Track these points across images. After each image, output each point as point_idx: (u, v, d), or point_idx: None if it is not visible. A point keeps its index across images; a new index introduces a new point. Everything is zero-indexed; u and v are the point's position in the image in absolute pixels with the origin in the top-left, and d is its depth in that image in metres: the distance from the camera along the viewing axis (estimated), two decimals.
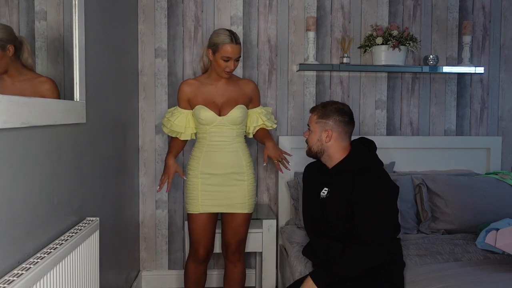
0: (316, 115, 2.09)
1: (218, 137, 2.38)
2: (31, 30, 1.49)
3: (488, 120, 3.25)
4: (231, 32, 2.31)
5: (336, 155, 2.07)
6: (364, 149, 2.09)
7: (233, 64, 2.32)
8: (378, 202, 1.94)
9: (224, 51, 2.27)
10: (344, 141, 2.07)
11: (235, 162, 2.40)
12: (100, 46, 2.11)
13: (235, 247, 2.49)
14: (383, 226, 1.93)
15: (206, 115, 2.36)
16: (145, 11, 3.02)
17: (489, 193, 2.76)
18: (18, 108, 1.23)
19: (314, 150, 2.10)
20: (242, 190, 2.42)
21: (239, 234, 2.47)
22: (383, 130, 3.18)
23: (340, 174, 2.05)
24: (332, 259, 2.01)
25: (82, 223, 1.73)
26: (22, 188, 1.31)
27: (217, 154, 2.39)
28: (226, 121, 2.37)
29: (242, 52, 2.23)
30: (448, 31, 3.18)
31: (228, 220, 2.46)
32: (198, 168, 2.40)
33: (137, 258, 3.10)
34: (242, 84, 2.47)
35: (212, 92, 2.39)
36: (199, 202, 2.40)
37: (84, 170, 1.87)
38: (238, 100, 2.41)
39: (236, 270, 2.53)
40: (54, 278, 1.35)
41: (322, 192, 2.10)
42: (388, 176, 2.07)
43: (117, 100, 2.50)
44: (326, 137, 2.05)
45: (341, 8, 3.12)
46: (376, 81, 3.17)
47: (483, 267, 2.10)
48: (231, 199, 2.41)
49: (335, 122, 2.05)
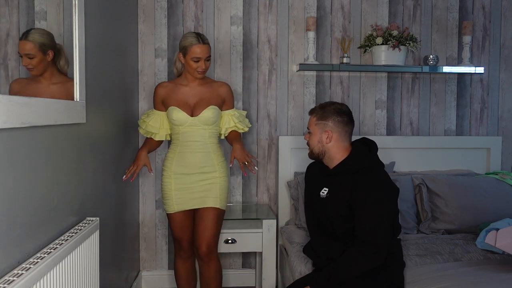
0: (315, 117, 2.10)
1: (191, 137, 2.43)
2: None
3: (488, 120, 3.25)
4: (198, 33, 2.41)
5: (337, 156, 2.07)
6: (365, 149, 2.10)
7: (204, 64, 2.39)
8: (378, 203, 1.94)
9: (193, 52, 2.35)
10: (345, 141, 2.08)
11: (206, 162, 2.45)
12: (100, 46, 2.11)
13: (206, 245, 2.43)
14: (381, 227, 1.93)
15: (178, 116, 2.41)
16: (145, 11, 3.02)
17: (489, 193, 2.76)
18: (18, 108, 1.23)
19: (316, 152, 2.11)
20: (215, 188, 2.45)
21: (210, 230, 2.44)
22: (383, 130, 3.18)
23: (340, 174, 2.06)
24: (332, 260, 2.02)
25: (82, 223, 1.73)
26: (22, 188, 1.31)
27: (189, 154, 2.44)
28: (198, 122, 2.41)
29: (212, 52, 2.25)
30: (448, 31, 3.18)
31: (199, 215, 2.46)
32: (171, 169, 2.46)
33: (137, 258, 3.10)
34: (216, 86, 2.52)
35: (186, 93, 2.46)
36: (173, 201, 2.47)
37: (84, 170, 1.87)
38: (210, 101, 2.45)
39: (211, 270, 2.48)
40: (54, 278, 1.35)
41: (321, 192, 2.11)
42: (388, 177, 2.07)
43: (117, 100, 2.50)
44: (327, 138, 2.06)
45: (341, 8, 3.12)
46: (376, 81, 3.17)
47: (483, 267, 2.10)
48: (204, 197, 2.44)
49: (334, 122, 2.06)
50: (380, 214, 1.93)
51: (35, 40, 1.50)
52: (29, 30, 1.49)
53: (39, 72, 1.53)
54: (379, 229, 1.92)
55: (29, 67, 1.49)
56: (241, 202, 3.15)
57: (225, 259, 3.19)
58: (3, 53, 1.32)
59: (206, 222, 2.44)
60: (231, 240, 2.73)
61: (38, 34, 1.52)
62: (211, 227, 2.45)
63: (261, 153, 3.13)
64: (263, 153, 3.14)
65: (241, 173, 3.12)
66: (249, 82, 3.10)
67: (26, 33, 1.46)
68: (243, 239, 2.74)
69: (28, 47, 1.47)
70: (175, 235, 2.55)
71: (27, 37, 1.46)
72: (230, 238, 2.73)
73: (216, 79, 3.05)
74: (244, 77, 3.09)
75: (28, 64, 1.48)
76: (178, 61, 2.50)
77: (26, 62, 1.47)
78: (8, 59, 1.34)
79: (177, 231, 2.51)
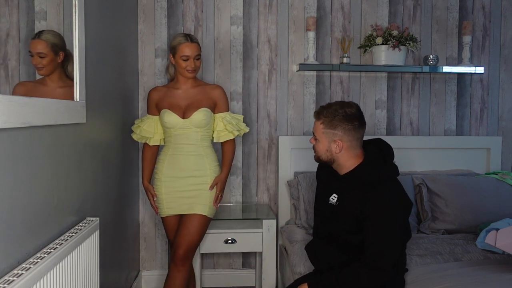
0: (322, 124, 1.91)
1: (183, 140, 2.41)
2: (31, 30, 1.49)
3: (488, 120, 3.25)
4: (187, 33, 2.43)
5: (347, 164, 1.92)
6: (378, 158, 1.93)
7: (193, 63, 2.39)
8: (389, 223, 1.82)
9: (182, 51, 2.36)
10: (356, 149, 1.92)
11: (198, 165, 2.42)
12: (100, 46, 2.11)
13: (183, 250, 2.36)
14: (389, 251, 1.82)
15: (169, 118, 2.39)
16: (145, 11, 3.02)
17: (489, 193, 2.76)
18: (18, 108, 1.23)
19: (324, 159, 1.95)
20: (204, 194, 2.42)
21: (192, 235, 2.38)
22: (383, 130, 3.18)
23: (351, 184, 1.92)
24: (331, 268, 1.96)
25: (82, 223, 1.73)
26: (22, 188, 1.31)
27: (181, 157, 2.42)
28: (190, 124, 2.39)
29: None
30: (448, 31, 3.18)
31: (185, 220, 2.42)
32: (163, 171, 2.44)
33: (137, 258, 3.10)
34: (209, 88, 2.50)
35: (178, 96, 2.45)
36: (164, 205, 2.46)
37: (84, 170, 1.87)
38: (202, 103, 2.43)
39: (179, 275, 2.38)
40: (54, 278, 1.35)
41: (331, 197, 1.98)
42: (402, 190, 1.92)
43: (117, 100, 2.50)
44: (336, 147, 1.89)
45: (341, 8, 3.12)
46: (376, 81, 3.17)
47: (483, 267, 2.09)
48: (193, 203, 2.41)
49: (344, 131, 1.87)
50: (392, 234, 1.81)
51: (48, 40, 1.52)
52: (42, 30, 1.51)
53: (48, 72, 1.54)
54: (389, 252, 1.81)
55: (38, 66, 1.49)
56: (241, 202, 3.15)
57: (225, 259, 3.19)
58: (3, 53, 1.32)
59: (190, 228, 2.39)
60: (231, 240, 2.73)
61: (51, 35, 1.54)
62: (194, 233, 2.39)
63: (261, 153, 3.13)
64: (263, 153, 3.14)
65: (241, 173, 3.12)
66: (249, 82, 3.10)
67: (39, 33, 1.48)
68: (243, 239, 2.74)
69: (41, 46, 1.48)
70: (169, 238, 2.55)
71: (40, 36, 1.48)
72: (230, 238, 2.73)
73: (216, 79, 3.06)
74: (244, 77, 3.09)
75: (38, 63, 1.49)
76: (171, 65, 2.50)
77: (36, 61, 1.48)
78: (8, 59, 1.34)
79: (171, 235, 2.50)
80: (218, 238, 2.71)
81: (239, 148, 3.10)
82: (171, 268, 2.42)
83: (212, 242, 2.71)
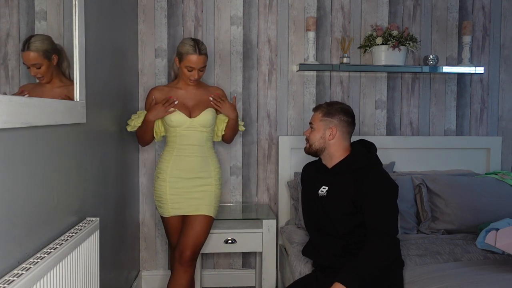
0: (321, 113, 2.12)
1: (188, 140, 2.41)
2: (31, 30, 1.49)
3: (488, 120, 3.25)
4: (197, 42, 2.36)
5: (337, 154, 2.10)
6: (364, 150, 2.13)
7: (197, 74, 2.38)
8: (387, 194, 1.99)
9: (188, 61, 2.34)
10: (346, 141, 2.12)
11: (203, 167, 2.43)
12: (100, 46, 2.11)
13: (191, 251, 2.36)
14: (394, 217, 1.99)
15: (176, 117, 2.38)
16: (145, 11, 3.02)
17: (489, 193, 2.76)
18: (18, 108, 1.23)
19: (315, 148, 2.12)
20: (209, 195, 2.43)
21: (199, 236, 2.39)
22: (383, 130, 3.18)
23: (341, 173, 2.08)
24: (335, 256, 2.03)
25: (82, 223, 1.73)
26: (22, 188, 1.31)
27: (187, 158, 2.41)
28: (197, 123, 2.40)
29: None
30: (448, 31, 3.18)
31: (191, 221, 2.41)
32: (167, 172, 2.42)
33: (137, 258, 3.10)
34: (212, 90, 2.52)
35: (183, 95, 2.45)
36: (168, 205, 2.44)
37: (84, 170, 1.87)
38: (208, 104, 2.46)
39: (186, 276, 2.37)
40: (54, 278, 1.35)
41: (320, 190, 2.11)
42: (388, 175, 2.09)
43: (117, 100, 2.50)
44: (330, 134, 2.08)
45: (341, 8, 3.12)
46: (376, 81, 3.17)
47: (483, 267, 2.10)
48: (198, 204, 2.41)
49: (339, 121, 2.09)
50: (391, 204, 1.99)
51: (38, 48, 1.47)
52: (29, 39, 1.45)
53: (49, 79, 1.53)
54: (393, 219, 1.98)
55: (38, 77, 1.47)
56: (241, 202, 3.15)
57: (225, 259, 3.19)
58: (3, 53, 1.32)
59: (196, 229, 2.39)
60: (231, 240, 2.73)
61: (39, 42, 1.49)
62: (201, 234, 2.40)
63: (261, 153, 3.13)
64: (263, 153, 3.14)
65: (241, 173, 3.12)
66: (249, 82, 3.10)
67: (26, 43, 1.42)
68: (243, 239, 2.74)
69: (33, 57, 1.45)
70: (171, 240, 2.53)
71: (29, 47, 1.43)
72: (230, 238, 2.73)
73: (216, 79, 3.06)
74: (244, 77, 3.09)
75: (36, 74, 1.46)
76: (175, 64, 2.49)
77: (34, 72, 1.45)
78: (8, 59, 1.34)
79: (174, 237, 2.49)
80: (218, 238, 2.71)
81: (239, 148, 3.10)
82: (176, 268, 2.41)
83: (212, 242, 2.71)
